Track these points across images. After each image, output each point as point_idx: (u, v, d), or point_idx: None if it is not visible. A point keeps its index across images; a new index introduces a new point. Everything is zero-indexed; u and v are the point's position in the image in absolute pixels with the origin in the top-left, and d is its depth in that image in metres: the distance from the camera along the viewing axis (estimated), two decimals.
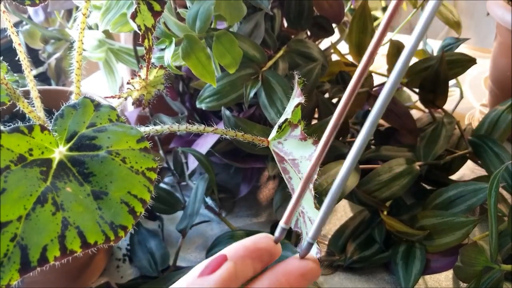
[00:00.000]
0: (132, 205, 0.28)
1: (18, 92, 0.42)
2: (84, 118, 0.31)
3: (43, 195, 0.26)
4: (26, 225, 0.25)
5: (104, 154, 0.29)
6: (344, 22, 0.75)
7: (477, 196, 0.57)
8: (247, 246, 0.27)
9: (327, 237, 0.65)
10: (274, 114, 0.55)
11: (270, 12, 0.56)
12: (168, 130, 0.38)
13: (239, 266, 0.26)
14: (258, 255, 0.27)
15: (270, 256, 0.28)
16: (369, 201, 0.60)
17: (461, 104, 0.83)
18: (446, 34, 1.62)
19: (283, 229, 0.28)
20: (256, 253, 0.27)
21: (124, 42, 0.74)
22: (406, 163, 0.62)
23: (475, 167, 0.76)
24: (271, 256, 0.28)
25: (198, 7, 0.51)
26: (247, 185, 0.68)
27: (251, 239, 0.27)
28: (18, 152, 0.27)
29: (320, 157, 0.27)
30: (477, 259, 0.51)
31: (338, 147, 0.65)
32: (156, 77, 0.46)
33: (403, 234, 0.58)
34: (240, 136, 0.39)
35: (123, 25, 0.53)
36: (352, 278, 0.60)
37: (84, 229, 0.26)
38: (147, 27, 0.39)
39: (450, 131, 0.66)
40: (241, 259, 0.26)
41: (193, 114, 0.71)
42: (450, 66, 0.68)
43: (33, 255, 0.25)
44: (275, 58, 0.60)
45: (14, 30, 0.43)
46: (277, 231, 0.28)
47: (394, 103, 0.71)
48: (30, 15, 0.77)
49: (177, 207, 0.66)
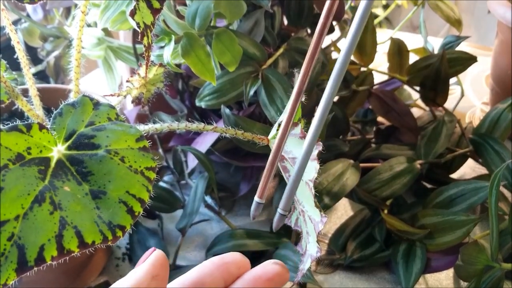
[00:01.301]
0: (131, 204, 0.28)
1: (17, 90, 0.42)
2: (83, 116, 0.31)
3: (41, 194, 0.26)
4: (23, 224, 0.25)
5: (103, 153, 0.29)
6: (344, 20, 0.75)
7: (477, 194, 0.57)
8: (213, 261, 0.30)
9: (327, 236, 0.65)
10: (274, 112, 0.55)
11: (270, 9, 0.56)
12: (168, 128, 0.38)
13: (208, 278, 0.29)
14: (225, 268, 0.29)
15: (238, 269, 0.30)
16: (370, 199, 0.60)
17: (462, 102, 0.83)
18: (447, 32, 1.62)
19: (258, 203, 0.30)
20: (223, 266, 0.29)
21: (123, 40, 0.74)
22: (406, 161, 0.62)
23: (476, 166, 0.76)
24: (239, 268, 0.30)
25: (198, 5, 0.51)
26: (247, 184, 0.68)
27: (219, 256, 0.30)
28: (16, 150, 0.27)
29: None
30: (477, 258, 0.51)
31: (338, 145, 0.65)
32: (155, 75, 0.46)
33: (404, 233, 0.58)
34: (240, 135, 0.39)
35: (122, 22, 0.53)
36: (352, 277, 0.60)
37: (82, 229, 0.26)
38: (146, 25, 0.39)
39: (451, 129, 0.66)
40: (209, 272, 0.29)
41: (193, 112, 0.70)
42: (451, 64, 0.68)
43: (30, 255, 0.25)
44: (275, 56, 0.59)
45: (13, 28, 0.43)
46: (252, 206, 0.29)
47: (395, 101, 0.71)
48: (29, 13, 0.76)
49: (177, 205, 0.66)
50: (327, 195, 0.57)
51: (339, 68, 0.23)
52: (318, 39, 0.24)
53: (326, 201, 0.57)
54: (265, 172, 0.29)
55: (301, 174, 0.28)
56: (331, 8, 0.23)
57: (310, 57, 0.25)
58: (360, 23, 0.22)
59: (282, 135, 0.29)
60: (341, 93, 0.70)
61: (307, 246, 0.35)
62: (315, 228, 0.34)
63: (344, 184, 0.58)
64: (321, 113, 0.25)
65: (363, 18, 0.22)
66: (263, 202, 0.29)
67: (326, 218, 0.33)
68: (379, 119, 0.79)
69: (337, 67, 0.23)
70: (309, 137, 0.26)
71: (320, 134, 0.27)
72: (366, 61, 0.72)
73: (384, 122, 0.77)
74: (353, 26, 0.22)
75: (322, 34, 0.24)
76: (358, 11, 0.22)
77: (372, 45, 0.71)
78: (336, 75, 0.24)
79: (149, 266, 0.26)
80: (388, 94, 0.72)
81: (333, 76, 0.24)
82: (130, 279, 0.26)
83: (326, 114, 0.25)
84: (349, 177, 0.59)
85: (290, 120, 0.29)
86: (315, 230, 0.34)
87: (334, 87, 0.24)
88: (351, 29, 0.22)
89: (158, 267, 0.26)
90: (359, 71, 0.73)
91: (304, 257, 0.36)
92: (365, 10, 0.21)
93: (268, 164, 0.29)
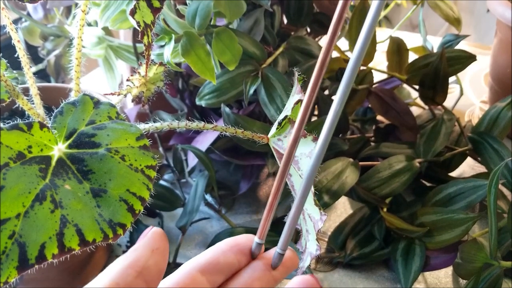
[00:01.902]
0: (131, 203, 0.28)
1: (18, 89, 0.42)
2: (84, 115, 0.31)
3: (41, 192, 0.26)
4: (24, 222, 0.25)
5: (104, 151, 0.29)
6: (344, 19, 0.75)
7: (476, 193, 0.57)
8: (227, 242, 0.30)
9: (326, 234, 0.65)
10: (274, 111, 0.55)
11: (270, 9, 0.56)
12: (168, 127, 0.38)
13: (221, 258, 0.29)
14: (238, 249, 0.29)
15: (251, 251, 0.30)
16: (369, 198, 0.60)
17: (461, 101, 0.83)
18: (446, 31, 1.62)
19: (258, 244, 0.30)
20: (236, 247, 0.29)
21: (124, 39, 0.74)
22: (406, 160, 0.62)
23: (474, 164, 0.76)
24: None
25: (198, 4, 0.51)
26: (247, 182, 0.68)
27: (232, 238, 0.30)
28: (17, 149, 0.27)
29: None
30: (476, 255, 0.51)
31: (338, 144, 0.65)
32: (155, 74, 0.46)
33: (403, 231, 0.58)
34: (239, 133, 0.39)
35: (122, 22, 0.53)
36: (351, 275, 0.60)
37: (83, 227, 0.26)
38: (146, 24, 0.39)
39: (450, 128, 0.66)
40: (222, 252, 0.29)
41: (193, 111, 0.71)
42: (450, 63, 0.68)
43: (31, 253, 0.25)
44: (275, 55, 0.60)
45: (13, 27, 0.43)
46: (253, 246, 0.30)
47: (394, 99, 0.71)
48: (29, 12, 0.76)
49: (177, 204, 0.66)
50: (327, 193, 0.58)
51: (348, 76, 0.23)
52: (328, 47, 0.24)
53: (325, 199, 0.57)
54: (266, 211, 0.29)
55: (306, 194, 0.28)
56: (341, 14, 0.22)
57: (319, 68, 0.25)
58: (370, 31, 0.21)
59: (289, 152, 0.29)
60: None
61: (306, 244, 0.35)
62: (314, 226, 0.34)
63: (344, 182, 0.58)
64: (330, 124, 0.25)
65: (372, 26, 0.21)
66: (263, 243, 0.30)
67: (325, 216, 0.33)
68: (378, 118, 0.79)
69: (346, 77, 0.23)
70: (316, 151, 0.26)
71: (318, 132, 0.27)
72: (366, 60, 0.72)
73: (383, 121, 0.77)
74: (362, 34, 0.22)
75: (332, 42, 0.24)
76: (371, 10, 0.21)
77: (372, 44, 0.71)
78: (345, 84, 0.23)
79: (148, 239, 0.26)
80: (388, 93, 0.72)
81: (342, 85, 0.23)
82: (130, 255, 0.26)
83: (334, 125, 0.25)
84: (348, 175, 0.59)
85: (298, 136, 0.28)
86: (314, 228, 0.34)
87: (343, 97, 0.23)
88: (361, 37, 0.22)
89: (158, 240, 0.26)
90: (358, 70, 0.74)
91: (304, 255, 0.36)
92: (378, 8, 0.21)
93: (276, 183, 0.29)
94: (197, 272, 0.28)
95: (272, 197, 0.29)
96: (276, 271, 0.30)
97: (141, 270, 0.25)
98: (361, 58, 0.22)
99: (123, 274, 0.24)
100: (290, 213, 0.29)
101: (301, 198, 0.27)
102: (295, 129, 0.28)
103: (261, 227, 0.30)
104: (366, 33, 0.21)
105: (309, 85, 0.26)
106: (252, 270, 0.29)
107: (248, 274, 0.29)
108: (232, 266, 0.29)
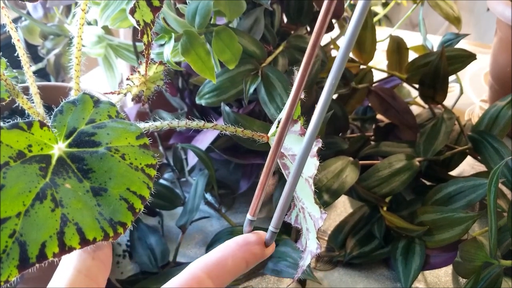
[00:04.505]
0: (131, 201, 0.28)
1: (17, 88, 0.42)
2: (84, 114, 0.31)
3: (42, 191, 0.26)
4: (25, 221, 0.25)
5: (104, 150, 0.29)
6: (344, 18, 0.75)
7: (476, 191, 0.57)
8: (237, 241, 0.29)
9: (326, 232, 0.65)
10: (273, 110, 0.55)
11: (270, 7, 0.56)
12: (168, 126, 0.38)
13: (230, 260, 0.28)
14: (247, 249, 0.29)
15: (262, 250, 0.30)
16: (369, 197, 0.60)
17: (461, 100, 0.83)
18: (446, 30, 1.62)
19: (250, 220, 0.30)
20: (245, 247, 0.29)
21: (124, 37, 0.74)
22: (405, 159, 0.62)
23: (474, 163, 0.76)
24: (262, 249, 0.30)
25: (198, 3, 0.51)
26: (247, 181, 0.68)
27: (242, 236, 0.30)
28: (17, 148, 0.27)
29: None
30: (476, 254, 0.51)
31: (338, 143, 0.65)
32: (155, 73, 0.46)
33: (403, 229, 0.58)
34: (239, 132, 0.39)
35: (122, 20, 0.53)
36: (351, 274, 0.60)
37: (83, 226, 0.26)
38: (146, 23, 0.39)
39: (450, 127, 0.66)
40: (231, 253, 0.28)
41: (193, 110, 0.71)
42: (450, 61, 0.68)
43: (32, 252, 0.25)
44: (275, 54, 0.60)
45: (13, 26, 0.43)
46: (245, 223, 0.30)
47: (394, 98, 0.71)
48: (29, 10, 0.76)
49: (177, 203, 0.66)
50: (327, 192, 0.58)
51: (338, 64, 0.23)
52: (317, 37, 0.24)
53: (325, 198, 0.57)
54: (261, 180, 0.30)
55: (299, 174, 0.28)
56: (329, 5, 0.23)
57: (309, 54, 0.25)
58: (359, 20, 0.22)
59: (281, 132, 0.29)
60: (341, 90, 0.70)
61: (307, 243, 0.35)
62: (315, 225, 0.34)
63: (344, 181, 0.58)
64: (320, 110, 0.25)
65: (361, 15, 0.22)
66: (254, 220, 0.30)
67: (326, 214, 0.33)
68: (378, 117, 0.79)
69: (336, 64, 0.23)
70: (308, 134, 0.26)
71: (319, 131, 0.27)
72: (366, 58, 0.72)
73: (383, 120, 0.77)
74: (351, 23, 0.22)
75: (321, 32, 0.24)
76: (357, 8, 0.22)
77: (372, 43, 0.71)
78: (335, 71, 0.24)
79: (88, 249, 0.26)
80: (388, 92, 0.72)
81: (332, 72, 0.24)
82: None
83: (325, 110, 0.25)
84: (348, 174, 0.59)
85: (290, 116, 0.29)
86: (315, 227, 0.34)
87: (333, 83, 0.24)
88: (350, 26, 0.22)
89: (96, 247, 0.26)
90: (358, 69, 0.74)
91: (304, 253, 0.36)
92: (364, 7, 0.21)
93: (268, 161, 0.29)
94: (204, 273, 0.27)
95: (263, 176, 0.30)
96: (268, 249, 0.30)
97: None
98: (352, 42, 0.22)
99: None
100: (283, 192, 0.29)
101: (294, 178, 0.28)
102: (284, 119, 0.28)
103: (253, 204, 0.30)
104: (356, 20, 0.21)
105: (295, 81, 0.27)
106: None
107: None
108: (240, 267, 0.29)
